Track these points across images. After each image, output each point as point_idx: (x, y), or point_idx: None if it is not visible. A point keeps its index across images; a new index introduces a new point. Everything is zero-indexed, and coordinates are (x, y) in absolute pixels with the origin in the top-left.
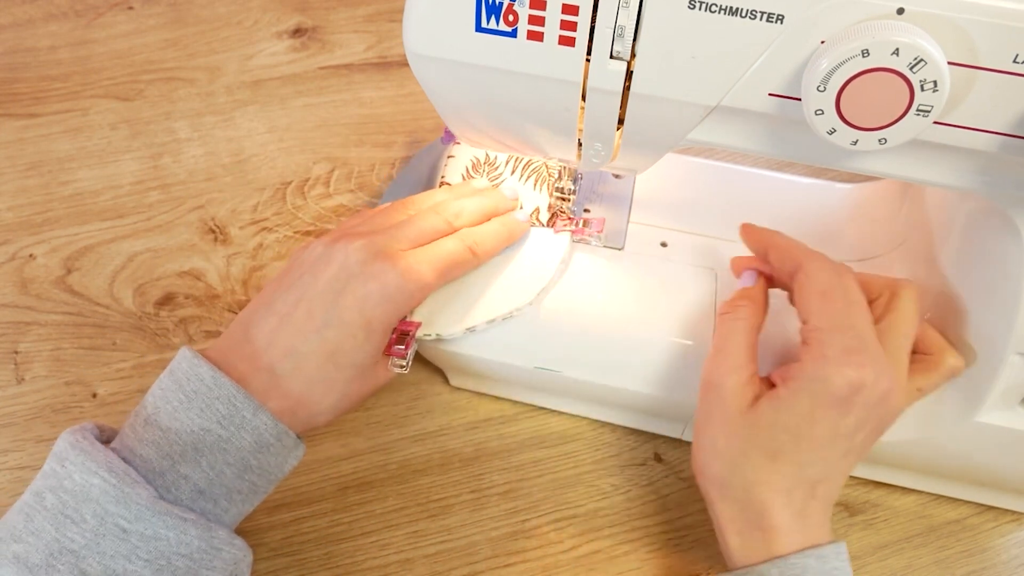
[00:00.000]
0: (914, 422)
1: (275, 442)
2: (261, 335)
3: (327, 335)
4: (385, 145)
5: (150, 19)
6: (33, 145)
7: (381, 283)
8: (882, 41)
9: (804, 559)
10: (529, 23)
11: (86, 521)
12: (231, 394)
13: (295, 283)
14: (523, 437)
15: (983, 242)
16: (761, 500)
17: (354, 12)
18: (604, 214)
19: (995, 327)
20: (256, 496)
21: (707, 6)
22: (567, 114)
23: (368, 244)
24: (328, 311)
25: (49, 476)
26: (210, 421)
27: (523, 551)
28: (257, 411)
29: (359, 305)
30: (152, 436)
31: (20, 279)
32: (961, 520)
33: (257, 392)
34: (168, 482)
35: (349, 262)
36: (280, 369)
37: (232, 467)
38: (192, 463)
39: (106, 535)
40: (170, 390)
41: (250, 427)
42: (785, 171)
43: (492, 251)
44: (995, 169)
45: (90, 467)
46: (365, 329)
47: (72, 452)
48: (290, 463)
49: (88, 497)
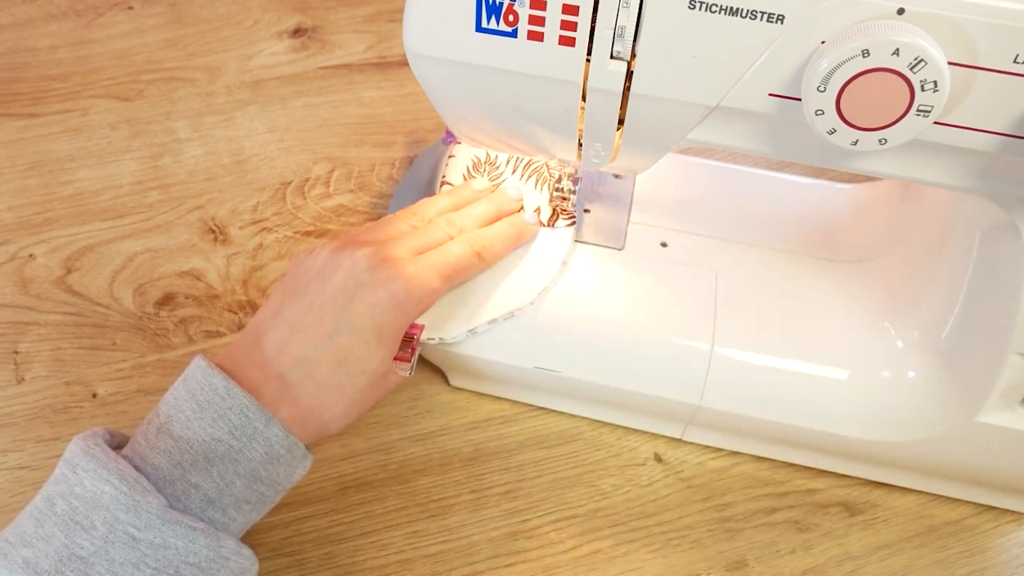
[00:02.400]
0: (914, 422)
1: (285, 453)
2: (272, 343)
3: (338, 342)
4: (385, 145)
5: (150, 19)
6: (33, 145)
7: (390, 290)
8: (882, 41)
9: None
10: (529, 23)
11: (96, 528)
12: (244, 405)
13: (303, 290)
14: (523, 437)
15: (983, 242)
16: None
17: (354, 12)
18: (604, 214)
19: (995, 327)
20: (263, 506)
21: (707, 6)
22: (567, 114)
23: (375, 251)
24: (339, 318)
25: (60, 482)
26: (222, 431)
27: (523, 551)
28: (269, 422)
29: (370, 312)
30: (164, 445)
31: (20, 279)
32: (961, 520)
33: (268, 401)
34: (178, 491)
35: (357, 269)
36: (291, 377)
37: (242, 477)
38: (203, 473)
39: (116, 543)
40: (183, 399)
41: (262, 438)
42: (785, 171)
43: (500, 254)
44: (995, 169)
45: (102, 474)
46: (376, 335)
47: (84, 459)
48: (298, 473)
49: (99, 504)
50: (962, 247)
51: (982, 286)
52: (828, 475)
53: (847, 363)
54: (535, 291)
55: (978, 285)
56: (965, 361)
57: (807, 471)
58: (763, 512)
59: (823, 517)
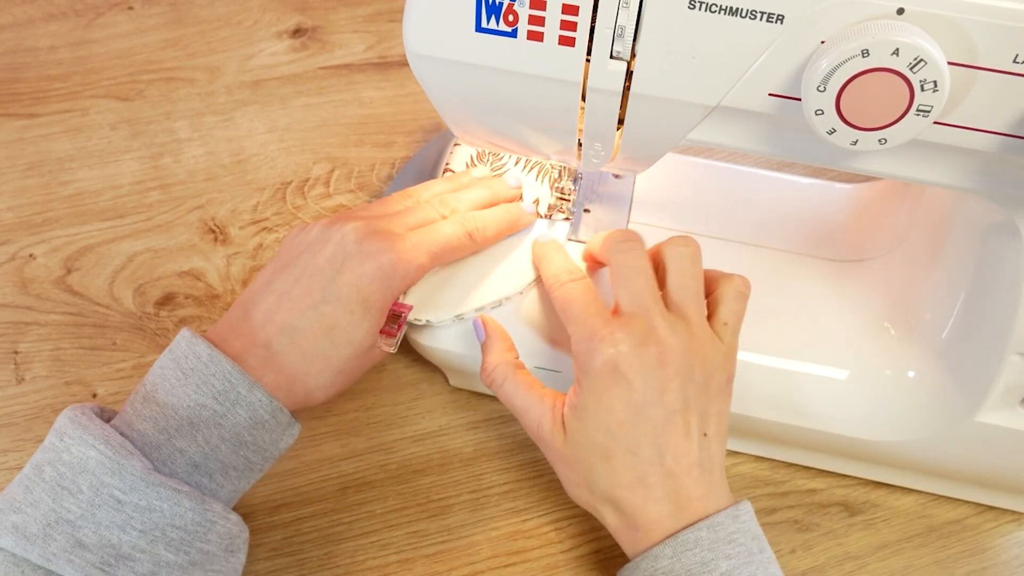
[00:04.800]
0: (914, 422)
1: (270, 419)
2: (259, 313)
3: (324, 311)
4: (385, 145)
5: (150, 19)
6: (33, 145)
7: (377, 262)
8: (882, 41)
9: (695, 532)
10: (529, 23)
11: (82, 492)
12: (227, 371)
13: (293, 262)
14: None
15: (983, 242)
16: (623, 501)
17: (354, 12)
18: (604, 214)
19: (995, 327)
20: (251, 473)
21: (707, 6)
22: (567, 114)
23: (365, 225)
24: (326, 288)
25: (48, 450)
26: (206, 397)
27: (523, 551)
28: (252, 387)
29: (356, 282)
30: (150, 412)
31: (20, 279)
32: (961, 520)
33: (253, 368)
34: (164, 455)
35: (346, 241)
36: (277, 345)
37: (227, 442)
38: (188, 437)
39: (101, 506)
40: (168, 368)
41: (245, 403)
42: (785, 171)
43: (493, 238)
44: (995, 169)
45: (87, 440)
46: (362, 306)
47: (71, 427)
48: (285, 441)
49: (84, 469)
50: (962, 247)
51: (982, 286)
52: (828, 475)
53: (847, 363)
54: (525, 281)
55: (978, 285)
56: (965, 361)
57: (807, 471)
58: (763, 512)
59: (823, 517)
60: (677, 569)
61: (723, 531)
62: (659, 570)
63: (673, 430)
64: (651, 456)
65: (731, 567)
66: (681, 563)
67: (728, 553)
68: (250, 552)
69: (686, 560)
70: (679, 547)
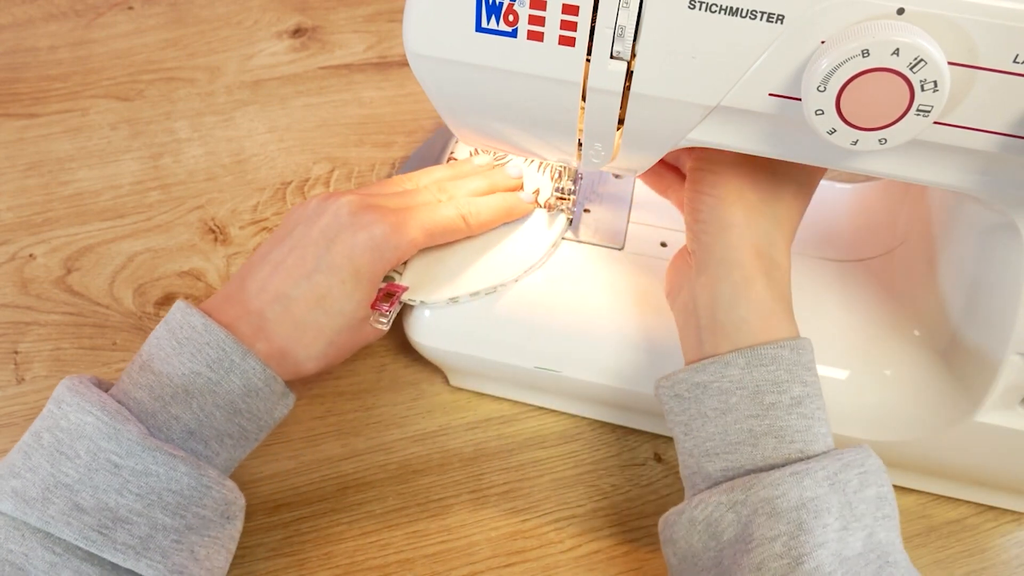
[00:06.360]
0: (914, 422)
1: (264, 387)
2: (254, 283)
3: (317, 279)
4: (385, 145)
5: (150, 19)
6: (33, 145)
7: (370, 233)
8: (882, 41)
9: (776, 350)
10: (529, 23)
11: (80, 457)
12: (220, 339)
13: (289, 234)
14: (523, 437)
15: (983, 242)
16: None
17: (354, 12)
18: (604, 214)
19: (995, 327)
20: (246, 442)
21: (707, 6)
22: (567, 114)
23: (361, 199)
24: (319, 258)
25: (47, 417)
26: (200, 365)
27: (523, 551)
28: (246, 355)
29: (348, 252)
30: (145, 380)
31: (20, 279)
32: (961, 520)
33: (245, 335)
34: (160, 422)
35: (341, 213)
36: (269, 312)
37: (222, 409)
38: (183, 404)
39: (99, 470)
40: (164, 338)
41: (239, 371)
42: None
43: (487, 223)
44: (995, 169)
45: (84, 407)
46: (354, 276)
47: (68, 394)
48: (279, 411)
49: (82, 434)
50: (962, 247)
51: (982, 286)
52: None
53: (847, 363)
54: (520, 269)
55: (978, 285)
56: (965, 361)
57: None
58: None
59: None
60: (746, 381)
61: (805, 356)
62: (726, 377)
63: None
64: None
65: (804, 395)
66: (752, 376)
67: (805, 380)
68: (250, 552)
69: (757, 375)
70: (754, 359)
